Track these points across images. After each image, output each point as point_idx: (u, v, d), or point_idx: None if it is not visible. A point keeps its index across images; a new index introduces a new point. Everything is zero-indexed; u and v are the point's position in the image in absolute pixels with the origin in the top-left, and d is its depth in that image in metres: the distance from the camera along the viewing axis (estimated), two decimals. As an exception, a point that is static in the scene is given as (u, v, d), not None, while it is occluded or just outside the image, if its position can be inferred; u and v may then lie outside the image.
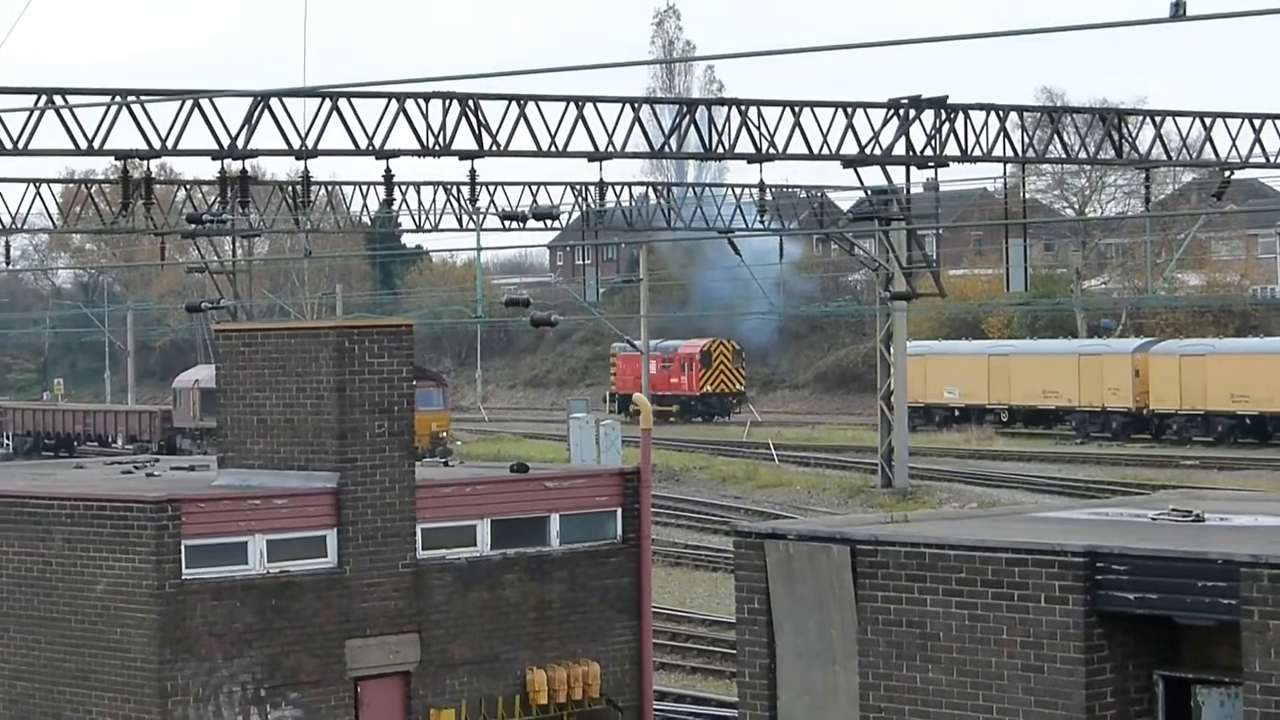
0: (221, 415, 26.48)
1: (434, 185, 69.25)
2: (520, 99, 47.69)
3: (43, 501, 25.27)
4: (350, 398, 25.23)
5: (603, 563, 27.43)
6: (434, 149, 46.72)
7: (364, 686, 25.25)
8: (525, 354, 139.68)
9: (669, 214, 70.70)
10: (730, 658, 38.38)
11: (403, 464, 25.64)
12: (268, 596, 24.51)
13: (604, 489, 27.83)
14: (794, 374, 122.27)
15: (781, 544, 18.84)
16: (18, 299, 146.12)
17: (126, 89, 43.91)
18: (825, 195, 76.40)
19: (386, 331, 25.90)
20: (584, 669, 26.98)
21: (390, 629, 25.45)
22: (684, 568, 54.06)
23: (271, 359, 25.84)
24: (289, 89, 43.40)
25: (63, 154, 44.83)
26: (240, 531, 24.47)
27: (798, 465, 79.48)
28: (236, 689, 24.22)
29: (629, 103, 49.66)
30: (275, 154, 46.50)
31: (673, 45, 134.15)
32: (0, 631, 25.48)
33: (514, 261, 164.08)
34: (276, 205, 70.32)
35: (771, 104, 50.54)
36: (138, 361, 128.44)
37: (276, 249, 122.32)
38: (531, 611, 26.72)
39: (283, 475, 25.51)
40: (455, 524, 26.31)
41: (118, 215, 61.07)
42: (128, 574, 24.00)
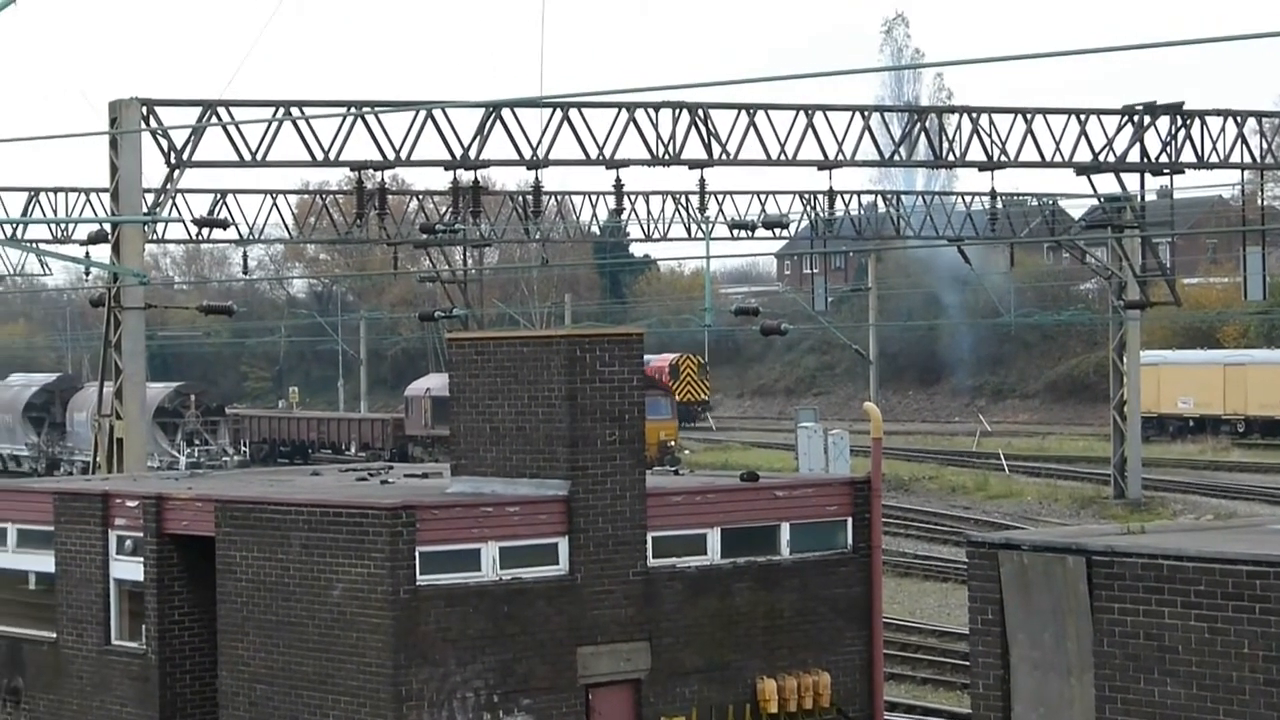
0: (454, 423, 26.72)
1: (663, 194, 69.53)
2: (750, 108, 47.73)
3: (281, 508, 25.65)
4: (581, 406, 25.33)
5: (833, 572, 27.30)
6: (664, 158, 46.92)
7: (595, 694, 25.34)
8: (753, 363, 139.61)
9: (898, 222, 70.33)
10: (961, 669, 38.05)
11: (633, 472, 25.69)
12: (500, 603, 24.68)
13: (834, 498, 27.69)
14: (1024, 384, 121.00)
15: (1016, 555, 18.64)
16: (254, 308, 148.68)
17: (361, 101, 44.59)
18: (1056, 203, 75.53)
19: (617, 340, 25.98)
20: (814, 678, 26.87)
21: (621, 637, 25.51)
22: (914, 578, 53.69)
23: (503, 367, 26.03)
24: (521, 99, 43.78)
25: (299, 165, 45.67)
26: (473, 539, 24.66)
27: (1028, 475, 78.66)
28: (470, 694, 24.42)
29: (858, 111, 49.50)
30: (506, 164, 46.98)
31: (901, 53, 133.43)
32: (240, 635, 25.90)
33: (742, 270, 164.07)
34: (507, 215, 70.98)
35: (1002, 111, 50.13)
36: (370, 370, 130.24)
37: (507, 258, 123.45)
38: (761, 620, 26.66)
39: (515, 483, 25.68)
40: (685, 532, 26.31)
41: (352, 225, 62.04)
42: (363, 580, 24.30)
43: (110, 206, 43.24)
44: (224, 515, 26.21)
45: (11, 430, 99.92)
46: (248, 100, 44.46)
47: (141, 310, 42.97)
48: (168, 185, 43.88)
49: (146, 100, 42.49)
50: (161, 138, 42.83)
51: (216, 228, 58.99)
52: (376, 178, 50.48)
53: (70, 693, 28.57)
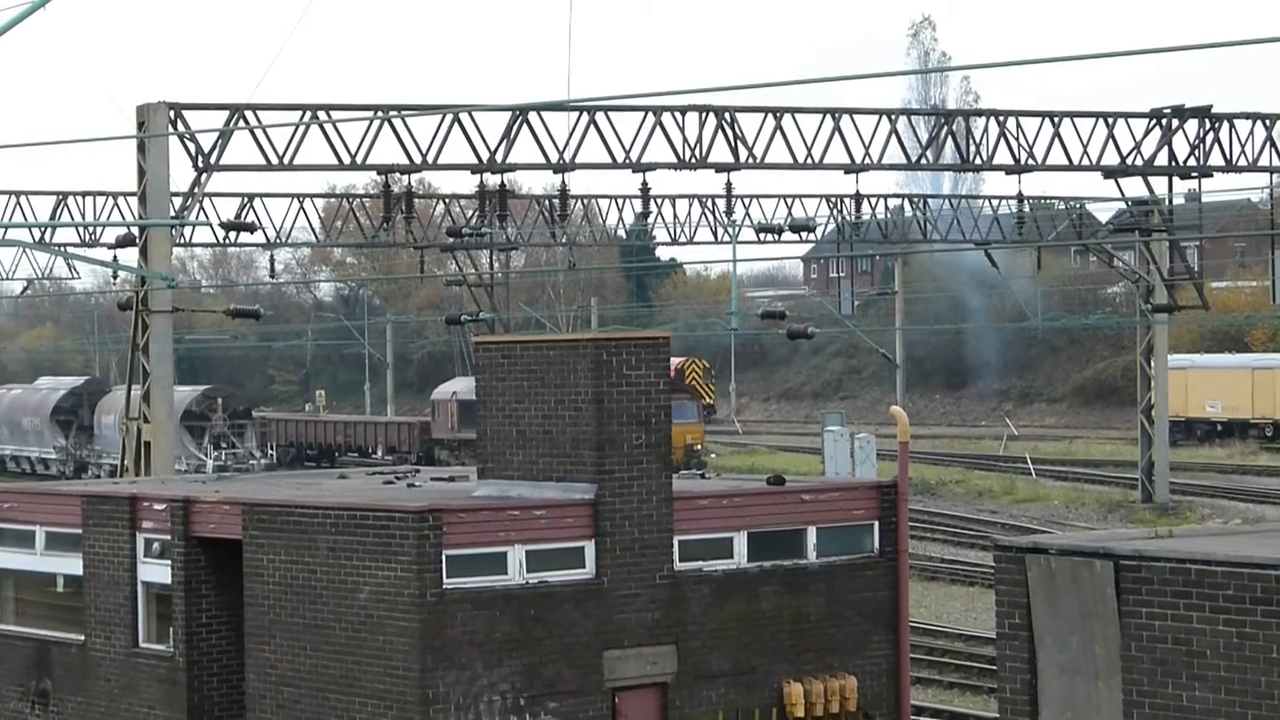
0: (481, 426, 26.75)
1: (689, 198, 69.55)
2: (776, 111, 47.71)
3: (308, 511, 25.70)
4: (608, 409, 25.34)
5: (860, 576, 27.28)
6: (690, 162, 46.93)
7: (621, 697, 25.34)
8: (779, 366, 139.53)
9: (925, 226, 70.27)
10: (988, 673, 38.00)
11: (660, 476, 25.70)
12: (527, 606, 24.69)
13: (861, 502, 27.68)
14: (1051, 387, 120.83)
15: (1043, 559, 18.61)
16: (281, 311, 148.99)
17: (388, 104, 44.64)
18: (1084, 207, 75.43)
19: (643, 344, 25.99)
20: (841, 682, 26.85)
21: (648, 640, 25.51)
22: (940, 582, 53.64)
23: (530, 371, 26.05)
24: (547, 103, 43.82)
25: (326, 169, 45.73)
26: (500, 542, 24.68)
27: (1055, 479, 78.55)
28: (496, 698, 24.44)
29: (885, 114, 49.48)
30: (533, 168, 47.01)
31: (929, 56, 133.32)
32: (267, 638, 25.95)
33: (768, 274, 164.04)
34: (534, 219, 71.03)
35: (1030, 114, 50.08)
36: (396, 373, 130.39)
37: (533, 262, 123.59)
38: (788, 624, 26.65)
39: (541, 486, 25.70)
40: (712, 536, 26.31)
41: (378, 229, 62.12)
42: (390, 583, 24.33)
43: (138, 210, 43.35)
44: (251, 518, 26.27)
45: (40, 433, 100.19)
46: (275, 104, 44.56)
47: (169, 314, 43.07)
48: (195, 189, 43.97)
49: (174, 104, 42.59)
50: (189, 141, 42.93)
51: (244, 231, 59.09)
52: (403, 181, 50.55)
53: (98, 695, 28.65)
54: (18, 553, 30.29)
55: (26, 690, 29.89)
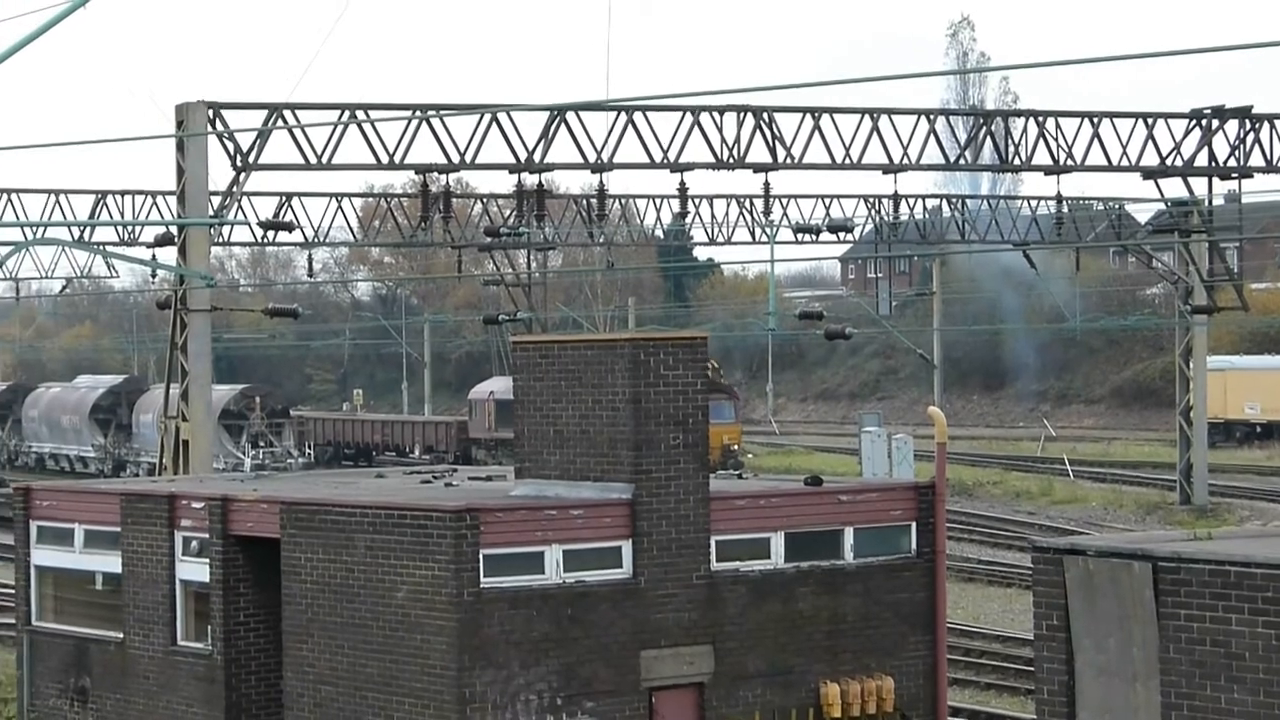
0: (518, 426, 26.77)
1: (727, 198, 69.52)
2: (814, 111, 47.66)
3: (346, 510, 25.75)
4: (645, 409, 25.34)
5: (897, 577, 27.24)
6: (728, 162, 46.90)
7: (658, 697, 25.34)
8: (816, 367, 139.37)
9: (963, 226, 70.15)
10: (1025, 674, 37.92)
11: (697, 476, 25.69)
12: (564, 606, 24.70)
13: (898, 503, 27.64)
14: (1089, 389, 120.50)
15: (1081, 560, 18.56)
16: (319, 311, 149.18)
17: (426, 104, 44.69)
18: (1123, 207, 75.22)
19: (681, 344, 25.99)
20: (878, 683, 26.82)
21: (684, 640, 25.51)
22: (977, 583, 53.53)
23: (568, 371, 26.07)
24: (585, 102, 43.84)
25: (364, 168, 45.78)
26: (537, 541, 24.70)
27: (1093, 481, 78.33)
28: (533, 697, 24.45)
29: (924, 114, 49.39)
30: (571, 167, 47.03)
31: (967, 56, 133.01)
32: (305, 637, 26.00)
33: (805, 274, 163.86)
34: (571, 219, 71.06)
35: (1069, 115, 49.96)
36: (434, 373, 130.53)
37: (570, 262, 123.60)
38: (825, 625, 26.62)
39: (578, 486, 25.71)
40: (749, 536, 26.30)
41: (416, 228, 62.22)
42: (427, 582, 24.36)
43: (177, 209, 43.46)
44: (289, 517, 26.33)
45: (78, 432, 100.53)
46: (313, 103, 44.65)
47: (207, 312, 43.18)
48: (234, 188, 44.08)
49: (213, 103, 42.70)
50: (228, 140, 43.04)
51: (282, 230, 59.22)
52: (441, 181, 50.59)
53: (136, 693, 28.74)
54: (57, 550, 30.40)
55: (65, 688, 30.00)
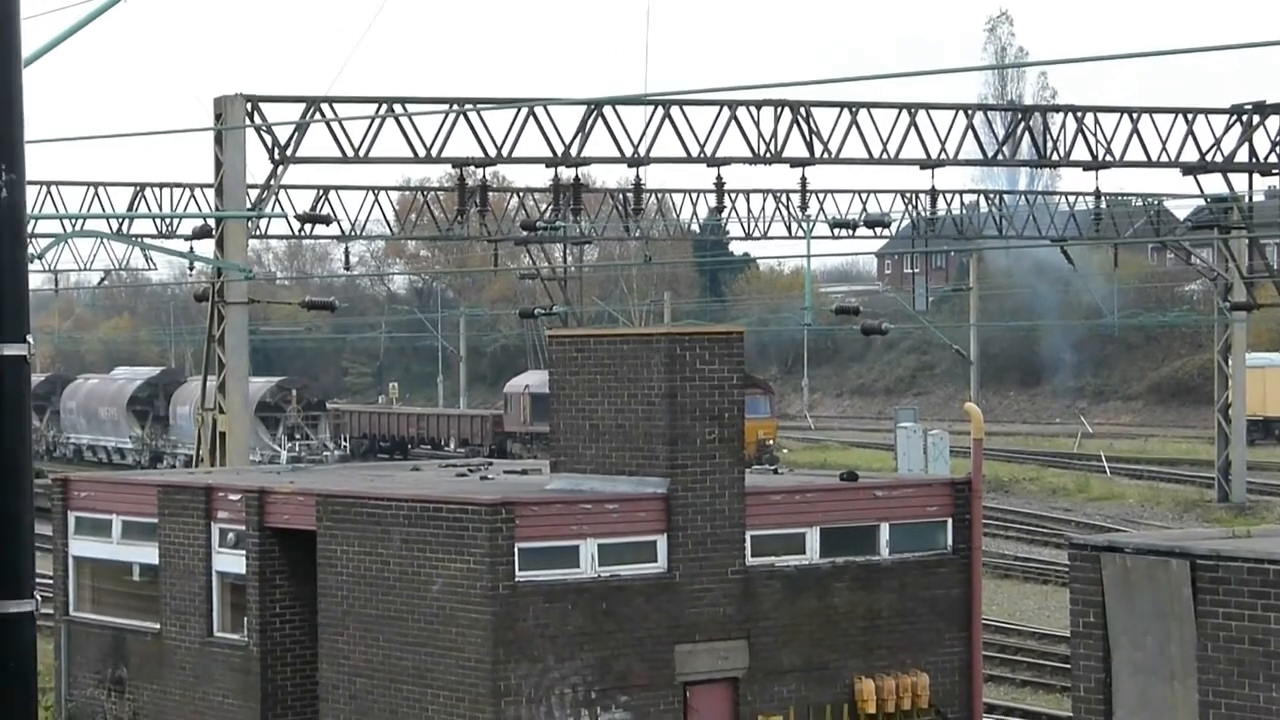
0: (554, 420, 26.77)
1: (764, 193, 69.41)
2: (852, 106, 47.55)
3: (381, 503, 25.77)
4: (681, 404, 25.32)
5: (932, 573, 27.18)
6: (765, 156, 46.80)
7: (693, 691, 25.32)
8: (852, 362, 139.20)
9: (1000, 222, 69.97)
10: (1061, 672, 37.80)
11: (732, 470, 25.66)
12: (598, 600, 24.69)
13: (934, 498, 27.58)
14: (1126, 385, 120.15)
15: (1118, 557, 18.48)
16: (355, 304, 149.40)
17: (463, 98, 44.67)
18: (1162, 203, 74.94)
19: (717, 338, 25.95)
20: (913, 679, 26.76)
21: (719, 635, 25.49)
22: (1013, 579, 53.39)
23: (603, 365, 26.06)
24: (622, 96, 43.76)
25: (401, 162, 45.80)
26: (572, 535, 24.69)
27: (1130, 478, 78.09)
28: (568, 691, 24.44)
29: (961, 110, 49.26)
30: (608, 161, 46.99)
31: (1005, 51, 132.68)
32: (340, 629, 26.03)
33: (841, 269, 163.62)
34: (608, 213, 71.03)
35: (1108, 110, 49.77)
36: (469, 366, 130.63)
37: (606, 256, 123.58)
38: (860, 620, 26.57)
39: (614, 480, 25.70)
40: (784, 531, 26.27)
41: (453, 222, 62.25)
42: (463, 575, 24.37)
43: (215, 202, 43.53)
44: (325, 509, 26.36)
45: (116, 423, 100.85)
46: (351, 97, 44.67)
47: (245, 305, 43.24)
48: (271, 181, 44.13)
49: (251, 96, 42.75)
50: (266, 134, 43.08)
51: (319, 223, 59.28)
52: (478, 174, 50.57)
53: (173, 683, 28.80)
54: (95, 541, 30.49)
55: (103, 678, 30.08)
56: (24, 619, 6.68)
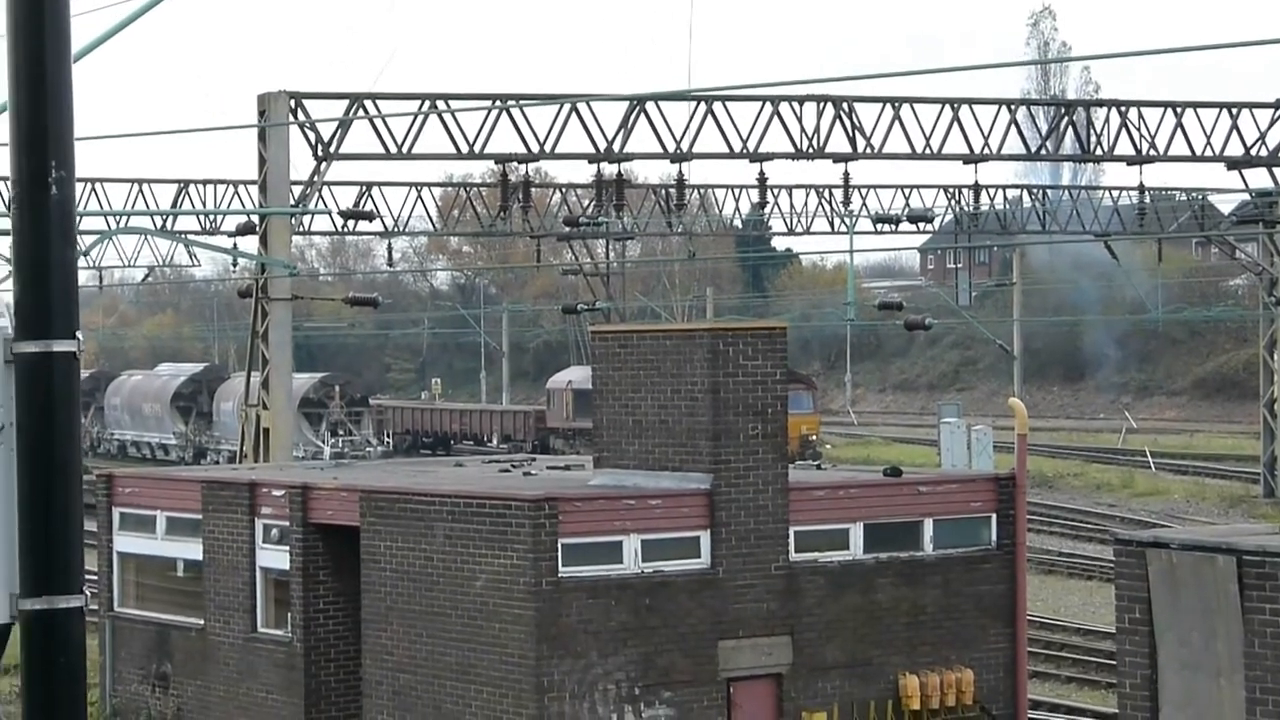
0: (597, 416, 26.77)
1: (806, 188, 69.33)
2: (894, 101, 47.48)
3: (425, 498, 25.80)
4: (724, 399, 25.30)
5: (976, 568, 27.11)
6: (808, 152, 46.76)
7: (736, 687, 25.30)
8: (895, 358, 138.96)
9: (1043, 217, 69.78)
10: (1106, 668, 37.66)
11: (776, 466, 25.63)
12: (642, 596, 24.69)
13: (978, 494, 27.51)
14: (1171, 380, 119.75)
15: (1164, 553, 18.41)
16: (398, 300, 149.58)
17: (506, 94, 44.74)
18: (1206, 198, 74.65)
19: (760, 334, 25.93)
20: (957, 675, 26.70)
21: (762, 631, 25.46)
22: (1058, 575, 53.23)
23: (646, 360, 26.05)
24: (665, 92, 43.78)
25: (444, 158, 45.90)
26: (615, 531, 24.69)
27: (1175, 474, 77.80)
28: (611, 686, 24.44)
29: (1005, 104, 49.14)
30: (650, 157, 47.01)
31: (1048, 46, 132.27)
32: (384, 625, 26.08)
33: (884, 264, 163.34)
34: (650, 208, 71.02)
35: (1152, 105, 49.61)
36: (512, 362, 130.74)
37: (649, 251, 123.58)
38: (904, 616, 26.52)
39: (657, 476, 25.69)
40: (828, 527, 26.24)
41: (495, 218, 62.30)
42: (506, 570, 24.39)
43: (259, 198, 43.65)
44: (369, 505, 26.40)
45: (160, 419, 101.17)
46: (394, 93, 44.75)
47: (288, 301, 43.36)
48: (315, 177, 44.23)
49: (295, 93, 42.86)
50: (309, 130, 43.19)
51: (362, 220, 59.38)
52: (520, 170, 50.67)
53: (217, 679, 28.88)
54: (139, 537, 30.59)
55: (147, 673, 30.19)
56: (73, 614, 6.70)
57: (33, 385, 6.73)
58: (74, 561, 6.73)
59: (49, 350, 6.72)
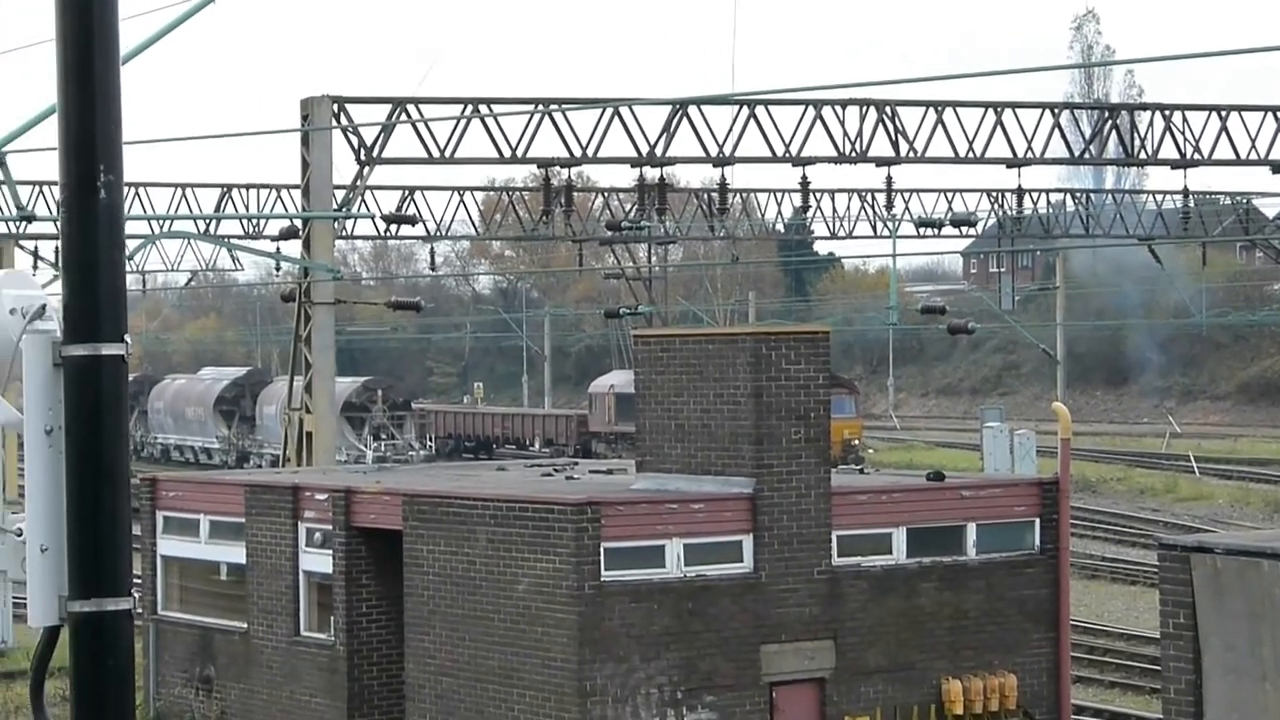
0: (639, 420, 26.77)
1: (849, 192, 69.26)
2: (938, 105, 47.42)
3: (467, 502, 25.84)
4: (767, 404, 25.29)
5: (1020, 573, 27.06)
6: (850, 156, 46.73)
7: (779, 692, 25.28)
8: (937, 362, 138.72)
9: (1087, 220, 69.61)
10: (1150, 673, 37.53)
11: (818, 470, 25.61)
12: (684, 600, 24.69)
13: (1022, 499, 27.46)
14: (1215, 385, 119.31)
15: (1209, 558, 18.34)
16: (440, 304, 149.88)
17: (549, 98, 44.78)
18: (1250, 202, 74.40)
19: (803, 338, 25.91)
20: (1001, 680, 26.64)
21: (805, 635, 25.44)
22: (1101, 580, 53.07)
23: (689, 365, 26.05)
24: (708, 96, 43.79)
25: (486, 162, 46.00)
26: (658, 535, 24.70)
27: (1219, 478, 77.49)
28: (654, 691, 24.45)
29: (1048, 108, 49.03)
30: (692, 161, 47.02)
31: (1091, 49, 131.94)
32: (426, 628, 26.11)
33: (926, 268, 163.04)
34: (692, 212, 71.05)
35: (1196, 108, 49.45)
36: (554, 366, 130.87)
37: (691, 255, 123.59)
38: (947, 621, 26.48)
39: (699, 480, 25.69)
40: (870, 531, 26.21)
41: (537, 222, 62.39)
42: (548, 574, 24.40)
43: (301, 203, 43.76)
44: (411, 509, 26.45)
45: (203, 423, 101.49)
46: (436, 98, 44.83)
47: (331, 305, 43.46)
48: (357, 181, 44.33)
49: (338, 98, 42.97)
50: (352, 135, 43.29)
51: (404, 224, 59.54)
52: (563, 175, 50.70)
53: (260, 682, 28.96)
54: (183, 541, 30.69)
55: (190, 677, 30.28)
56: (122, 617, 6.73)
57: (81, 388, 6.76)
58: (122, 564, 6.76)
59: (97, 353, 6.74)
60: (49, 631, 6.91)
